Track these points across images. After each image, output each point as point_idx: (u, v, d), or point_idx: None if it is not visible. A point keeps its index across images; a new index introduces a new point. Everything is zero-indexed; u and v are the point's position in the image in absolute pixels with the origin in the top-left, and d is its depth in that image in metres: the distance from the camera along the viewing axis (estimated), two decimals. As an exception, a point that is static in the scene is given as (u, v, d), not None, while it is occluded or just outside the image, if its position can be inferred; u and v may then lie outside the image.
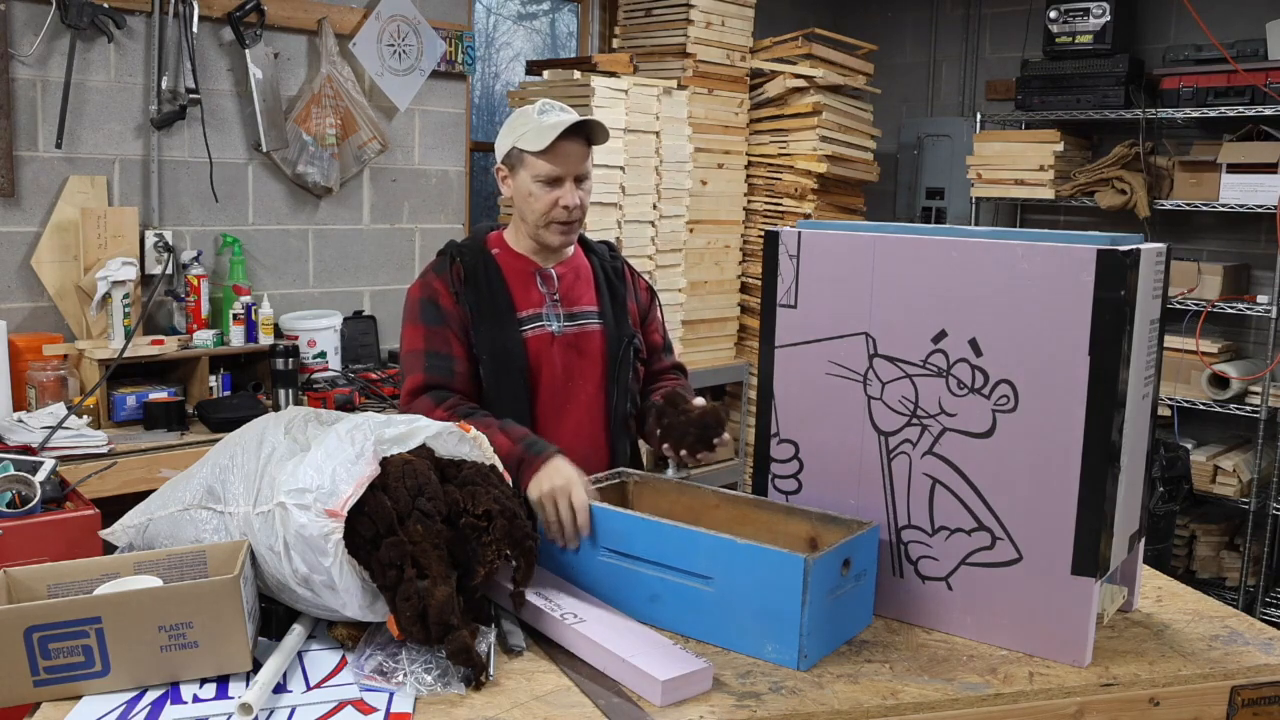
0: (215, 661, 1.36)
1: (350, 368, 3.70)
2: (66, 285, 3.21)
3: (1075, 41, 4.35)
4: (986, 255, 1.50)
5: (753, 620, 1.48)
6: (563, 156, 1.95)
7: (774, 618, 1.46)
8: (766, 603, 1.46)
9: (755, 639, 1.49)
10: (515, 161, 1.99)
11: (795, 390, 1.69)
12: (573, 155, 1.96)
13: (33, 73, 3.13)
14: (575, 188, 1.97)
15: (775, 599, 1.45)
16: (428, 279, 2.02)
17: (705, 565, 1.52)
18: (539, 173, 1.95)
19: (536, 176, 1.96)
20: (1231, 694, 1.48)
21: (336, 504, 1.37)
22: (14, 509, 2.32)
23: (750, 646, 1.49)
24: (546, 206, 1.96)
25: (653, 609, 1.57)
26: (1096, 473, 1.44)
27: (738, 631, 1.50)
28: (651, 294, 2.23)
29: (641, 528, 1.58)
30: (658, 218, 4.03)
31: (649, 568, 1.57)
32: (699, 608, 1.53)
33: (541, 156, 1.95)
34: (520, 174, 1.99)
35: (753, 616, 1.48)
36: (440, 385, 1.94)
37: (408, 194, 4.04)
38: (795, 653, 1.45)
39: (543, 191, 1.96)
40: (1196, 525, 4.32)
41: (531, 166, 1.96)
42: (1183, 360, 4.17)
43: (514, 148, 1.98)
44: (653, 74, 4.16)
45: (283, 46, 3.62)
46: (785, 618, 1.45)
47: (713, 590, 1.51)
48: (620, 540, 1.61)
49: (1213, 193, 4.13)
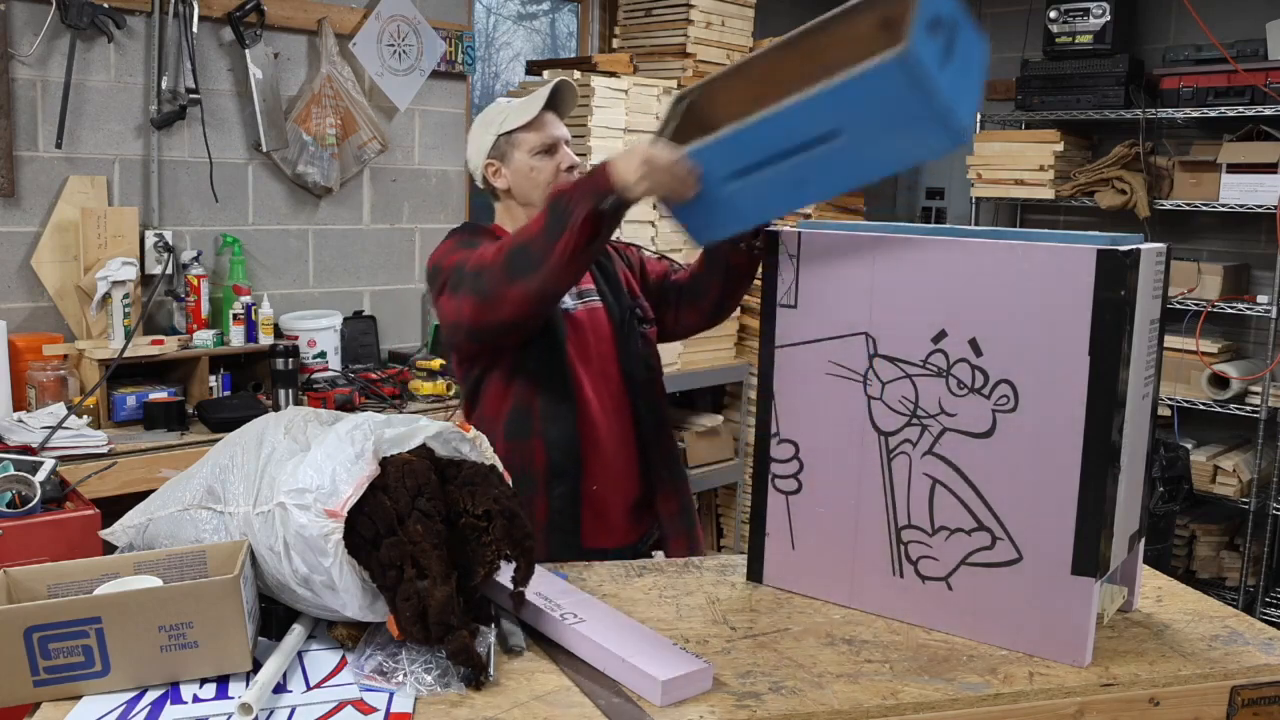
0: (215, 661, 1.36)
1: (350, 368, 3.70)
2: (66, 285, 3.21)
3: (1075, 41, 4.36)
4: (986, 255, 1.50)
5: (897, 138, 1.49)
6: (551, 123, 2.06)
7: (914, 120, 1.45)
8: (899, 114, 1.46)
9: (906, 151, 1.51)
10: (504, 148, 2.05)
11: (795, 390, 1.69)
12: (555, 122, 2.08)
13: (33, 73, 3.13)
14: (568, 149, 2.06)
15: (904, 106, 1.44)
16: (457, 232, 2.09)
17: (827, 123, 1.51)
18: (534, 145, 2.03)
19: (533, 149, 2.03)
20: (1231, 694, 1.48)
21: (336, 504, 1.37)
22: (14, 509, 2.32)
23: (906, 159, 1.52)
24: (552, 174, 2.03)
25: (803, 193, 1.60)
26: (1096, 473, 1.44)
27: (892, 155, 1.52)
28: (636, 249, 2.29)
29: (747, 136, 1.57)
30: (658, 218, 4.03)
31: (778, 166, 1.57)
32: (844, 163, 1.53)
33: (532, 130, 2.03)
34: (514, 156, 2.04)
35: (896, 134, 1.48)
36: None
37: (408, 194, 4.04)
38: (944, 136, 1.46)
39: (543, 162, 2.03)
40: (1196, 525, 4.32)
41: (524, 144, 2.03)
42: (1183, 360, 4.17)
43: (499, 136, 2.04)
44: (653, 74, 4.16)
45: (283, 46, 3.63)
46: (918, 114, 1.44)
47: (847, 139, 1.51)
48: (736, 159, 1.60)
49: (1213, 193, 4.13)
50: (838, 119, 1.50)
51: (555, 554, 1.96)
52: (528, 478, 1.99)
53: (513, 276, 1.79)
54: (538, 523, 2.00)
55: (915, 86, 1.42)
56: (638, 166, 1.65)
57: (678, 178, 1.63)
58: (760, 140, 1.56)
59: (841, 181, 1.60)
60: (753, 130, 1.56)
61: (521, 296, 1.80)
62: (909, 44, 1.41)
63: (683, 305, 2.20)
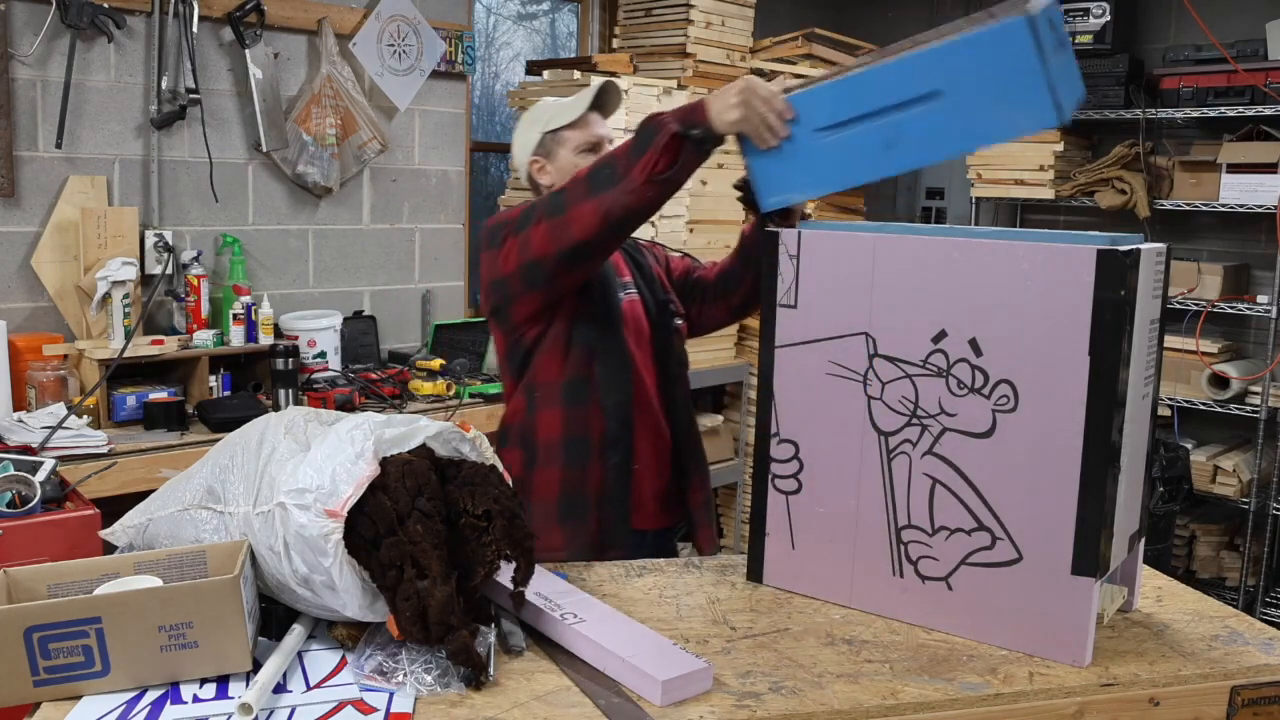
0: (215, 661, 1.36)
1: (350, 368, 3.70)
2: (66, 285, 3.21)
3: (1075, 41, 4.35)
4: (986, 255, 1.50)
5: (996, 106, 1.48)
6: (596, 122, 2.09)
7: (1018, 90, 1.45)
8: (1010, 79, 1.46)
9: (1005, 121, 1.49)
10: (550, 145, 2.08)
11: (795, 390, 1.69)
12: (600, 121, 2.11)
13: (33, 73, 3.13)
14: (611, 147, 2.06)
15: (1017, 70, 1.44)
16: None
17: (932, 83, 1.51)
18: (580, 143, 2.06)
19: (579, 147, 2.06)
20: (1231, 694, 1.48)
21: (336, 504, 1.37)
22: (14, 509, 2.32)
23: (1002, 131, 1.50)
24: None
25: (888, 158, 1.58)
26: (1096, 473, 1.44)
27: (986, 125, 1.51)
28: (661, 247, 2.31)
29: (849, 86, 1.57)
30: (658, 217, 4.03)
31: (870, 123, 1.57)
32: (937, 128, 1.53)
33: (577, 128, 2.06)
34: (559, 154, 2.07)
35: (998, 102, 1.48)
36: None
37: (408, 194, 4.04)
38: (1052, 110, 1.45)
39: (588, 159, 2.04)
40: (1196, 525, 4.32)
41: (569, 141, 2.06)
42: (1183, 360, 4.17)
43: (544, 134, 2.07)
44: (653, 74, 4.16)
45: (283, 46, 3.63)
46: (1030, 85, 1.44)
47: (944, 101, 1.51)
48: (832, 109, 1.59)
49: (1213, 193, 4.13)
50: (945, 79, 1.50)
51: (605, 530, 2.00)
52: (584, 444, 2.01)
53: (591, 190, 1.81)
54: (590, 495, 2.01)
55: (1034, 50, 1.42)
56: (735, 94, 1.66)
57: (771, 113, 1.63)
58: (861, 93, 1.57)
59: (929, 150, 1.57)
60: (855, 81, 1.57)
61: (594, 211, 1.80)
62: (1035, 10, 1.43)
63: (708, 300, 2.23)
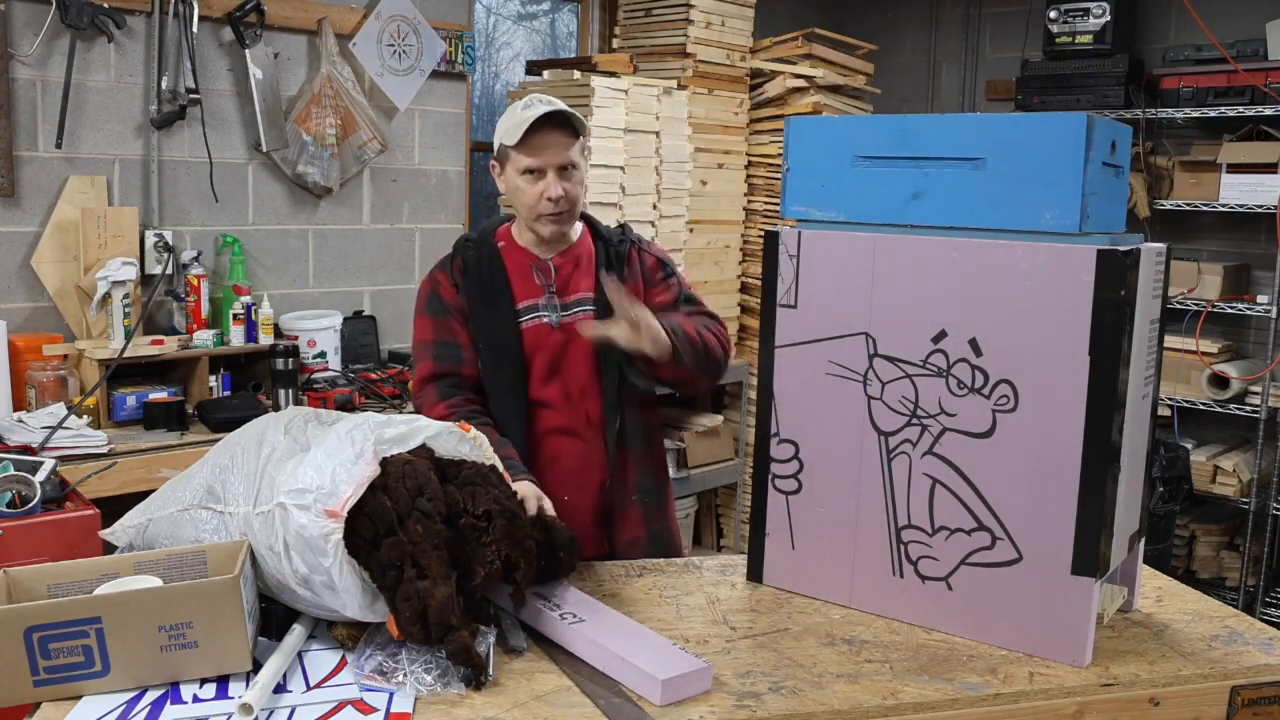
0: (215, 661, 1.36)
1: (350, 368, 3.70)
2: (66, 285, 3.21)
3: (1075, 41, 4.35)
4: (986, 255, 1.50)
5: (1028, 190, 1.49)
6: (541, 149, 1.95)
7: (1053, 184, 1.47)
8: (1043, 170, 1.47)
9: (1031, 210, 1.49)
10: (502, 157, 2.02)
11: (795, 390, 1.69)
12: (552, 146, 1.96)
13: (33, 73, 3.13)
14: (559, 178, 1.97)
15: (1053, 161, 1.46)
16: (434, 273, 2.11)
17: (977, 146, 1.53)
18: (520, 166, 1.98)
19: (520, 170, 1.98)
20: (1231, 694, 1.48)
21: (336, 504, 1.37)
22: (14, 509, 2.31)
23: (1025, 219, 1.50)
24: (533, 199, 1.98)
25: (914, 206, 1.58)
26: (1096, 473, 1.44)
27: (1012, 207, 1.51)
28: (662, 264, 2.15)
29: (905, 124, 1.59)
30: (658, 218, 4.03)
31: (909, 166, 1.58)
32: (966, 191, 1.54)
33: (521, 150, 1.96)
34: (507, 168, 2.02)
35: (1027, 186, 1.49)
36: (448, 373, 2.02)
37: (408, 194, 4.04)
38: (1077, 215, 1.46)
39: (528, 184, 1.98)
40: (1196, 525, 4.32)
41: (515, 161, 1.99)
42: (1183, 360, 4.17)
43: (500, 143, 2.01)
44: (653, 74, 4.16)
45: (283, 46, 3.62)
46: (1066, 181, 1.46)
47: (982, 168, 1.52)
48: (881, 139, 1.61)
49: (1213, 193, 4.13)
50: (993, 146, 1.52)
51: None
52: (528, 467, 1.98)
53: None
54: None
55: (1083, 146, 1.44)
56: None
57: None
58: (913, 133, 1.58)
59: (951, 212, 1.57)
60: (914, 122, 1.58)
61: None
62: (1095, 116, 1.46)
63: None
